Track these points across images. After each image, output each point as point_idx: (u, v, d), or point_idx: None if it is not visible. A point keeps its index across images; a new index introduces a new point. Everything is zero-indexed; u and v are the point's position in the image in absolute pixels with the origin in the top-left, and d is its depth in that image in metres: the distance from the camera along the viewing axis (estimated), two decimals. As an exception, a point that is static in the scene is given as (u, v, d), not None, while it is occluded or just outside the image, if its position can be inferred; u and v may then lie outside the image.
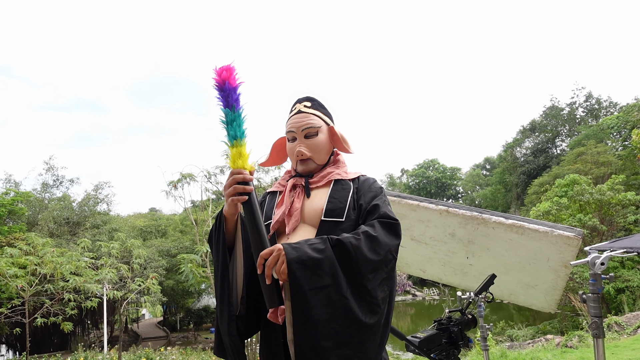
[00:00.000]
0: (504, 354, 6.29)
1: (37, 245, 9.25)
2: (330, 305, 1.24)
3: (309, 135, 1.59)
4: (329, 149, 1.65)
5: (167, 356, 11.88)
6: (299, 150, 1.57)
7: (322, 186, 1.56)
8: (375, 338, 1.30)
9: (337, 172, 1.60)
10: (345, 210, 1.48)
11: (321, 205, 1.49)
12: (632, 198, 13.06)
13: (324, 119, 1.64)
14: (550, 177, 21.21)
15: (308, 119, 1.60)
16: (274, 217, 1.53)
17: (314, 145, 1.59)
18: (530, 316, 17.52)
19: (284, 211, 1.51)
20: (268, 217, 1.57)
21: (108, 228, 19.65)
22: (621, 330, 6.85)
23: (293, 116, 1.63)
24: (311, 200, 1.52)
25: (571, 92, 49.10)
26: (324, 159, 1.63)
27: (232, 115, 1.35)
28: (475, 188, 48.64)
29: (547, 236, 2.61)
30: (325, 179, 1.57)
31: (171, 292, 22.14)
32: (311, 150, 1.58)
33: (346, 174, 1.60)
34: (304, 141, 1.59)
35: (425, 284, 35.76)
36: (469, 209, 2.84)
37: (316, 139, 1.59)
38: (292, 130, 1.60)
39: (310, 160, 1.59)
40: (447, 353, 2.08)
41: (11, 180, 20.60)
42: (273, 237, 1.52)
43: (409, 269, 3.37)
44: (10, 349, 18.58)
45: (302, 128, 1.58)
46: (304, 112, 1.62)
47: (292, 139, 1.61)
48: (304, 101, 1.66)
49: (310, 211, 1.50)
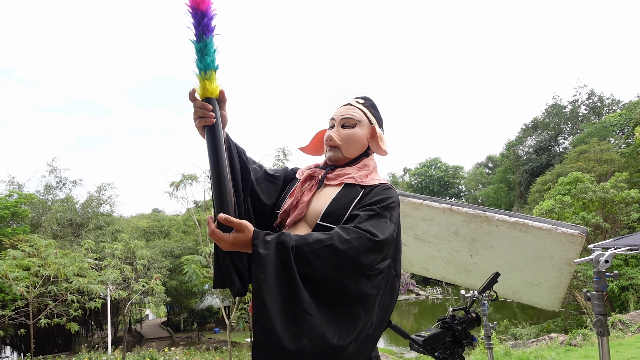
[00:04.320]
0: (507, 352, 6.27)
1: (40, 247, 9.28)
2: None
3: (346, 125, 1.58)
4: (362, 145, 1.60)
5: (171, 357, 11.90)
6: (329, 135, 1.57)
7: (334, 185, 1.52)
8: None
9: (353, 176, 1.51)
10: (345, 218, 1.39)
11: (322, 208, 1.44)
12: (636, 196, 13.01)
13: (368, 117, 1.62)
14: (553, 175, 21.16)
15: (351, 111, 1.60)
16: (283, 206, 1.54)
17: (346, 136, 1.57)
18: (534, 314, 17.50)
19: (292, 202, 1.51)
20: (279, 205, 1.58)
21: (111, 229, 19.71)
22: (625, 328, 6.82)
23: (340, 107, 1.65)
24: (318, 198, 1.49)
25: (573, 90, 49.16)
26: (353, 153, 1.59)
27: (198, 45, 1.24)
28: (478, 187, 48.53)
29: (550, 234, 2.60)
30: (340, 179, 1.52)
31: (175, 292, 22.18)
32: (342, 140, 1.57)
33: (363, 179, 1.50)
34: (339, 129, 1.59)
35: (428, 283, 35.71)
36: (472, 207, 2.83)
37: (352, 131, 1.57)
38: (333, 117, 1.62)
39: (338, 149, 1.57)
40: (451, 352, 2.07)
41: (14, 182, 20.65)
42: (279, 226, 1.53)
43: (412, 267, 3.36)
44: (15, 351, 18.64)
45: (342, 117, 1.59)
46: (352, 105, 1.63)
47: (331, 127, 1.62)
48: (359, 98, 1.68)
49: (311, 211, 1.46)
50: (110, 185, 22.65)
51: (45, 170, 22.79)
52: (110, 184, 22.68)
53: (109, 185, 22.58)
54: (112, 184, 23.06)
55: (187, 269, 7.24)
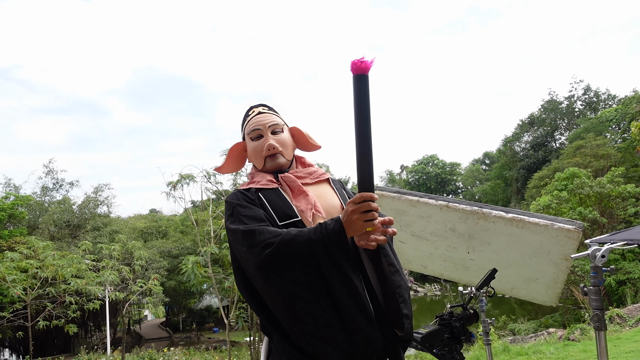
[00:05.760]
0: (506, 348, 6.29)
1: (38, 248, 9.26)
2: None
3: (275, 131, 1.59)
4: (293, 147, 1.65)
5: (170, 357, 11.89)
6: (270, 144, 1.55)
7: (315, 183, 1.54)
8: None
9: (322, 172, 1.60)
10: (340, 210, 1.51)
11: (336, 202, 1.51)
12: (632, 190, 13.07)
13: (284, 120, 1.66)
14: (550, 170, 21.22)
15: (272, 117, 1.61)
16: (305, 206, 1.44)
17: (282, 141, 1.58)
18: (532, 310, 17.57)
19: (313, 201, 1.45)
20: (288, 215, 1.43)
21: (109, 230, 19.69)
22: (623, 322, 6.85)
23: (254, 117, 1.61)
24: (318, 197, 1.49)
25: (569, 86, 49.18)
26: (291, 155, 1.62)
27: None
28: (475, 183, 48.66)
29: (547, 229, 2.60)
30: (314, 177, 1.56)
31: (173, 292, 22.18)
32: (281, 145, 1.57)
33: (327, 174, 1.63)
34: (272, 137, 1.57)
35: (426, 280, 35.80)
36: (469, 203, 2.84)
37: (283, 135, 1.60)
38: (258, 127, 1.58)
39: (280, 155, 1.57)
40: (450, 348, 2.08)
41: (11, 184, 20.61)
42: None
43: (410, 265, 3.36)
44: (14, 353, 18.61)
45: (269, 125, 1.58)
46: (265, 113, 1.62)
47: (258, 137, 1.58)
48: (259, 106, 1.67)
49: (329, 207, 1.48)
50: (107, 186, 22.68)
51: (42, 172, 22.78)
52: (107, 185, 22.71)
53: (106, 186, 22.60)
54: (109, 185, 23.03)
55: (185, 269, 7.23)
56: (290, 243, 1.26)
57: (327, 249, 1.24)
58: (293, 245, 1.26)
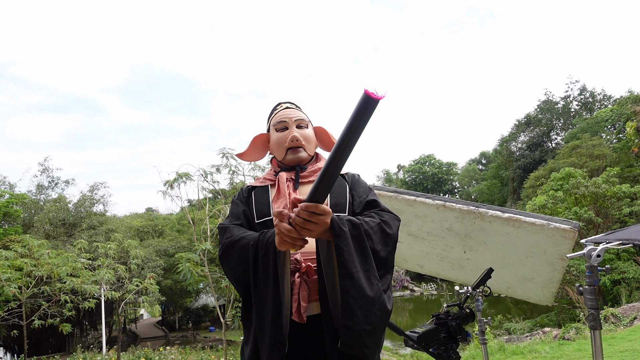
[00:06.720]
0: (502, 347, 6.32)
1: (33, 247, 9.21)
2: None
3: (300, 125, 1.60)
4: (316, 144, 1.67)
5: (166, 356, 11.88)
6: (294, 136, 1.56)
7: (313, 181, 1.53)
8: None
9: None
10: (347, 206, 1.49)
11: (330, 202, 1.48)
12: (627, 190, 13.13)
13: (309, 118, 1.68)
14: (546, 170, 21.26)
15: (299, 113, 1.63)
16: (280, 206, 1.44)
17: (305, 136, 1.60)
18: (528, 309, 17.61)
19: (286, 204, 1.43)
20: (264, 214, 1.48)
21: (105, 229, 19.59)
22: (618, 321, 6.89)
23: (282, 110, 1.63)
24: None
25: (565, 86, 49.33)
26: (313, 151, 1.64)
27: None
28: (472, 183, 48.74)
29: (543, 229, 2.61)
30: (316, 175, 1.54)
31: (169, 291, 22.11)
32: (304, 140, 1.58)
33: None
34: (296, 130, 1.59)
35: (423, 279, 35.83)
36: (466, 203, 2.84)
37: (307, 131, 1.62)
38: (284, 120, 1.59)
39: (302, 149, 1.58)
40: (446, 347, 2.08)
41: (6, 182, 20.48)
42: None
43: (406, 264, 3.37)
44: (8, 352, 18.50)
45: (295, 118, 1.60)
46: (292, 108, 1.64)
47: (283, 129, 1.60)
48: (288, 103, 1.69)
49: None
50: (103, 184, 22.54)
51: (37, 170, 22.62)
52: (103, 183, 22.57)
53: (102, 184, 22.47)
54: (105, 183, 22.89)
55: (182, 268, 7.22)
56: (234, 244, 1.38)
57: (256, 255, 1.32)
58: (235, 247, 1.37)
